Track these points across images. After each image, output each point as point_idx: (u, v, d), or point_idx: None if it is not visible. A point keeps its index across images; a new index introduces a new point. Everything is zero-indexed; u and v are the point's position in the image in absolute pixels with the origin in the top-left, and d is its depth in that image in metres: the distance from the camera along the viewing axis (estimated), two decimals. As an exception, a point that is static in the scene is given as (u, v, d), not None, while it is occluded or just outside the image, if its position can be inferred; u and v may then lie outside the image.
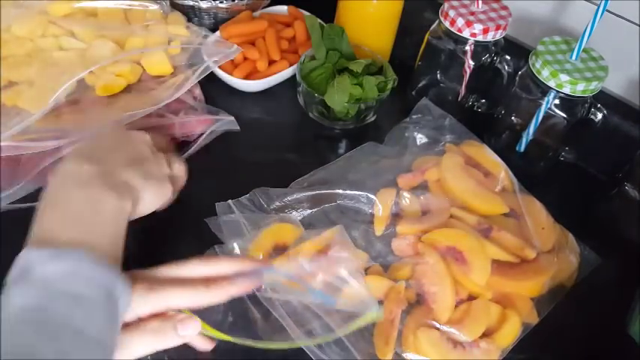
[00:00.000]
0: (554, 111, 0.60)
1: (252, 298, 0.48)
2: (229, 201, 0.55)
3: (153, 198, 0.45)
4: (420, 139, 0.63)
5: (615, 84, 0.65)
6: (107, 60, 0.60)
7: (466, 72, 0.67)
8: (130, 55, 0.62)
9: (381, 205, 0.56)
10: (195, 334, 0.41)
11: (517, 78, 0.63)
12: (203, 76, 0.64)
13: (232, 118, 0.64)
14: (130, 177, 0.42)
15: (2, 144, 0.51)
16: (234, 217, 0.54)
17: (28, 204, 0.55)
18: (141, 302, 0.39)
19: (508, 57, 0.65)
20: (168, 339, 0.40)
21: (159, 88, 0.61)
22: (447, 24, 0.63)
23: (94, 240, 0.37)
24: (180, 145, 0.63)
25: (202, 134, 0.63)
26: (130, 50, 0.63)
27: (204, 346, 0.43)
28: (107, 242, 0.38)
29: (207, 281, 0.41)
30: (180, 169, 0.51)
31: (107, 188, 0.40)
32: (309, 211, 0.56)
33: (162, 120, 0.60)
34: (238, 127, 0.64)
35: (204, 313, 0.42)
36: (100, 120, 0.56)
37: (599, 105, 0.59)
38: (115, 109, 0.57)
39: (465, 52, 0.65)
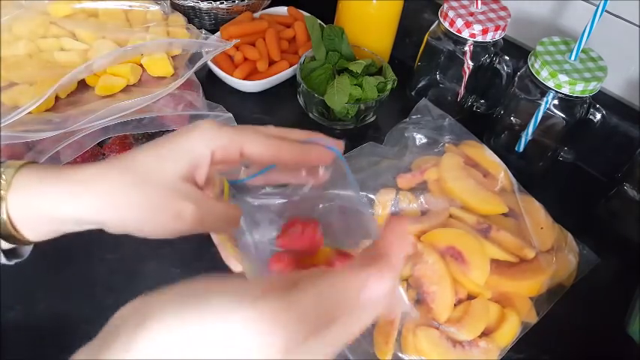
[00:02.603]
0: (553, 111, 0.60)
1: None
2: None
3: None
4: (420, 139, 0.63)
5: (614, 84, 0.65)
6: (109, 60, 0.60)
7: (465, 72, 0.67)
8: (132, 54, 0.62)
9: (380, 205, 0.56)
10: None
11: (516, 78, 0.63)
12: (198, 67, 0.64)
13: (230, 114, 0.64)
14: None
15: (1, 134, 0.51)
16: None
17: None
18: (212, 134, 0.33)
19: (507, 57, 0.65)
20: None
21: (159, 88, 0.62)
22: (446, 25, 0.64)
23: None
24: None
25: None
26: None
27: None
28: None
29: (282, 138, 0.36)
30: None
31: None
32: (308, 211, 0.56)
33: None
34: (236, 124, 0.64)
35: None
36: (94, 111, 0.56)
37: (598, 105, 0.60)
38: (111, 102, 0.57)
39: (464, 53, 0.65)
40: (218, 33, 0.74)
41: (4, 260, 0.33)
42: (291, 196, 0.43)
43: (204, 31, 0.68)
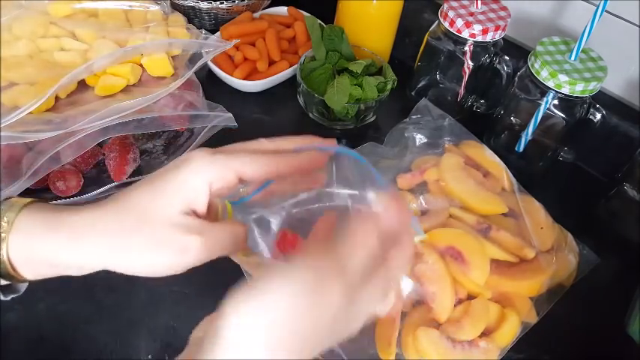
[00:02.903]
0: (553, 111, 0.60)
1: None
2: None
3: None
4: (420, 139, 0.63)
5: (614, 84, 0.65)
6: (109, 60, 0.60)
7: (465, 72, 0.67)
8: (132, 54, 0.62)
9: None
10: None
11: (516, 78, 0.63)
12: (198, 67, 0.64)
13: (230, 114, 0.64)
14: None
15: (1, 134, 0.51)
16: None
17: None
18: (206, 165, 0.33)
19: (507, 57, 0.65)
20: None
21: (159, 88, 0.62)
22: (446, 25, 0.64)
23: None
24: (174, 141, 0.64)
25: (202, 130, 0.63)
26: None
27: None
28: None
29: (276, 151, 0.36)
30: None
31: None
32: (309, 211, 0.56)
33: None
34: (236, 124, 0.64)
35: None
36: (94, 111, 0.56)
37: (598, 105, 0.60)
38: (111, 102, 0.57)
39: (464, 53, 0.65)
40: (218, 33, 0.74)
41: (0, 296, 0.34)
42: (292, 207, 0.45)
43: (204, 31, 0.68)
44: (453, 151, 0.61)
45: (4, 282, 0.33)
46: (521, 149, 0.65)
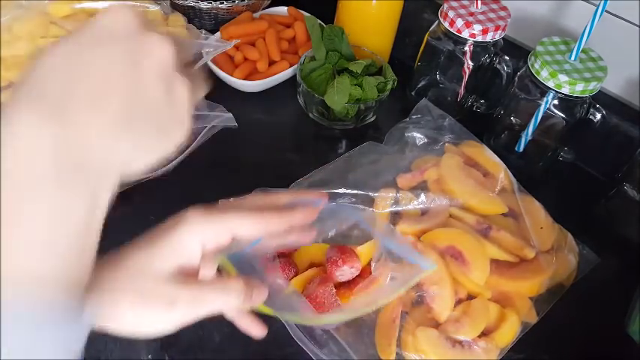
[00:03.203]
0: (553, 111, 0.60)
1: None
2: (231, 199, 0.55)
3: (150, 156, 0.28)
4: (420, 139, 0.63)
5: (614, 84, 0.65)
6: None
7: (465, 72, 0.67)
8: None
9: (380, 204, 0.56)
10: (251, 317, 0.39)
11: (516, 78, 0.63)
12: (198, 67, 0.64)
13: (230, 114, 0.64)
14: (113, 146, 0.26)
15: None
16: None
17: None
18: (201, 227, 0.34)
19: (507, 57, 0.65)
20: (235, 301, 0.35)
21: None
22: (446, 25, 0.64)
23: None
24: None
25: (202, 130, 0.63)
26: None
27: (258, 332, 0.40)
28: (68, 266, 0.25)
29: (267, 210, 0.37)
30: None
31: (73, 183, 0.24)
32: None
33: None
34: (236, 124, 0.64)
35: None
36: None
37: (598, 105, 0.60)
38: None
39: (464, 53, 0.65)
40: (218, 33, 0.74)
41: None
42: None
43: (204, 31, 0.68)
44: (452, 151, 0.61)
45: None
46: (521, 149, 0.65)
